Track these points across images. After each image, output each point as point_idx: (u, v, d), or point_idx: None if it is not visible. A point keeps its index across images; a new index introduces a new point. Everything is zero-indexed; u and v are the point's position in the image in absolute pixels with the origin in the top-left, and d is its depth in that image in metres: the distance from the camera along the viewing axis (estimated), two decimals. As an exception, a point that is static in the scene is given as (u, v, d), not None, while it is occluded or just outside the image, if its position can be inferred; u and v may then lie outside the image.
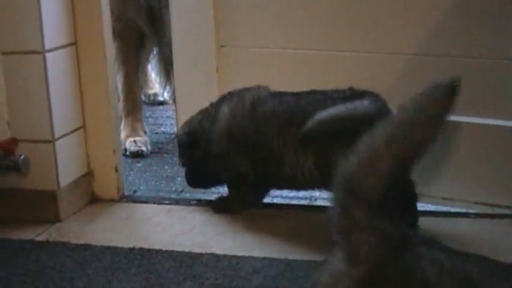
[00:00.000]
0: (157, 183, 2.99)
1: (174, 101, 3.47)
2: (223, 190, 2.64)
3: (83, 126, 2.60)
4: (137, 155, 3.28)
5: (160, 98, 4.06)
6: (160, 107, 4.04)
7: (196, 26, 2.84)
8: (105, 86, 2.57)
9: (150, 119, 3.79)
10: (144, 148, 3.33)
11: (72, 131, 2.55)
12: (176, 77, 2.97)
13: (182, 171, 3.02)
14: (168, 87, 3.62)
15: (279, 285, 2.03)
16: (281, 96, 2.42)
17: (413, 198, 2.31)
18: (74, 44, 2.54)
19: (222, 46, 2.85)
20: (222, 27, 2.82)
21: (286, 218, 2.43)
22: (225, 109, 2.49)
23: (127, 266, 2.18)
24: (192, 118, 2.58)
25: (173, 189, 2.92)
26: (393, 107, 2.32)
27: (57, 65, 2.46)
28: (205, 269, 2.14)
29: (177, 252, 2.24)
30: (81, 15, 2.51)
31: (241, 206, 2.52)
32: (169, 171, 3.14)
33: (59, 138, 2.48)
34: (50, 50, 2.42)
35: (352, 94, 2.29)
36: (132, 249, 2.27)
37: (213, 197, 2.65)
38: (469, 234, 2.32)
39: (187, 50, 2.89)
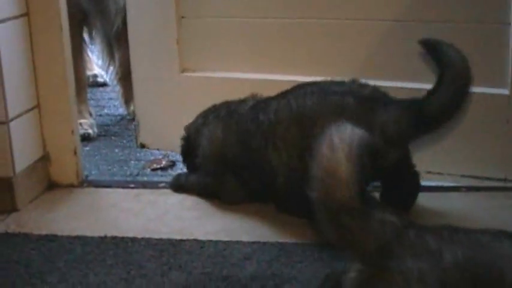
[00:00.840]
0: (110, 168, 2.78)
1: (119, 81, 3.30)
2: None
3: (38, 106, 2.37)
4: (84, 138, 3.05)
5: (101, 80, 3.90)
6: (101, 89, 3.86)
7: (154, -4, 2.65)
8: (61, 60, 2.35)
9: (92, 101, 3.57)
10: (90, 131, 3.13)
11: (27, 111, 2.32)
12: (132, 51, 2.79)
13: (135, 154, 2.87)
14: (111, 68, 3.40)
15: (276, 272, 1.85)
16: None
17: (416, 190, 2.17)
18: (26, 14, 2.31)
19: (183, 17, 2.67)
20: (183, -4, 2.64)
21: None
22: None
23: (101, 256, 1.97)
24: (196, 119, 2.41)
25: (128, 173, 2.71)
26: (373, 73, 2.19)
27: (8, 37, 2.23)
28: (190, 257, 1.95)
29: (155, 239, 2.04)
30: (33, -18, 2.28)
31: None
32: (120, 154, 2.93)
33: (13, 119, 2.24)
34: (-1, 21, 2.19)
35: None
36: (103, 238, 2.06)
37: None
38: (462, 208, 2.20)
39: (145, 22, 2.71)
